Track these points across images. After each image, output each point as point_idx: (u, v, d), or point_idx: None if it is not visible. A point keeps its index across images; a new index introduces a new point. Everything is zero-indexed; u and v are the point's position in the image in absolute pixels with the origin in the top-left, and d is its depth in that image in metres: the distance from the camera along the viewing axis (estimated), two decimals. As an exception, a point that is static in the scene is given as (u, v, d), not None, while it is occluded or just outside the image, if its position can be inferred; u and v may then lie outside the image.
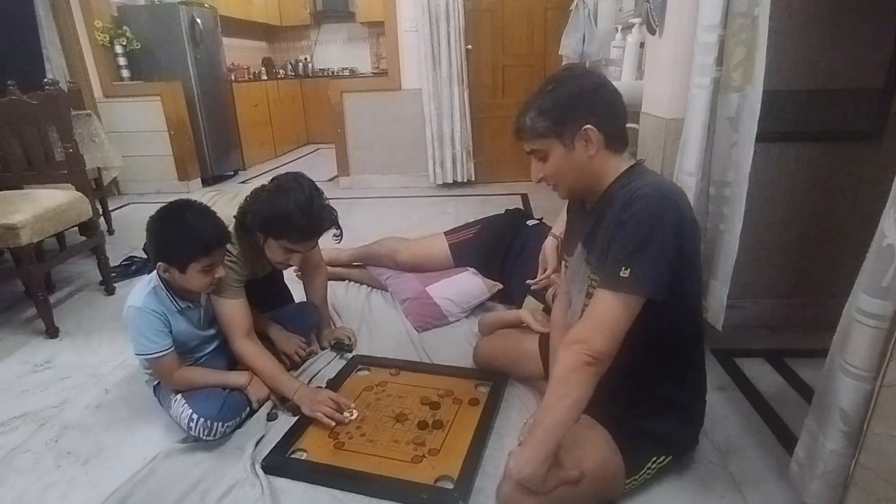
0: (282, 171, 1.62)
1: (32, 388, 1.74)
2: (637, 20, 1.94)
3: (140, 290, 1.46)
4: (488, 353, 1.71)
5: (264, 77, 6.29)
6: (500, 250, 2.19)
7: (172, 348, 1.45)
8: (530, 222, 2.25)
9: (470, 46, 4.08)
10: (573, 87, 1.10)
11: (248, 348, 1.55)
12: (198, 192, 1.72)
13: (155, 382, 1.55)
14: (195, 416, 1.40)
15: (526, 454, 1.04)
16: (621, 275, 1.01)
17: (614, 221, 1.05)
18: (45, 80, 2.43)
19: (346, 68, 6.84)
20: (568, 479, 1.06)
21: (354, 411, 1.48)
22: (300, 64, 7.06)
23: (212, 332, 1.60)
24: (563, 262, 1.32)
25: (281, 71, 6.92)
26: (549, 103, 1.09)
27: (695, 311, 1.21)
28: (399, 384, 1.65)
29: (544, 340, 1.50)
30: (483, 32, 4.18)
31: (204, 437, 1.41)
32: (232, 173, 5.16)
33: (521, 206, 3.71)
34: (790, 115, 1.68)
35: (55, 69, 3.83)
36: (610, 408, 1.15)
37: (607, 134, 1.09)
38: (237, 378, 1.51)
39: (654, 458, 1.20)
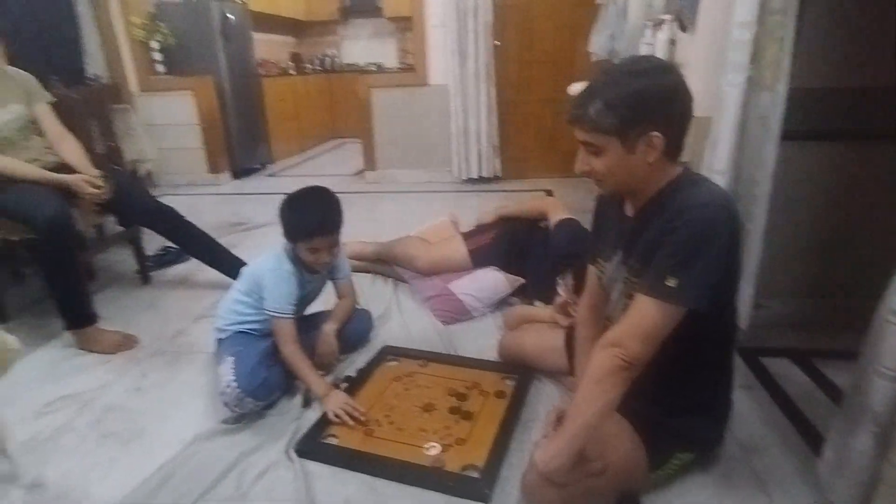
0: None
1: (75, 371, 1.82)
2: (668, 17, 1.92)
3: (270, 257, 1.65)
4: (515, 346, 1.73)
5: (292, 72, 6.36)
6: (520, 252, 2.21)
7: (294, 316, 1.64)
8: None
9: (498, 42, 4.08)
10: (650, 84, 0.99)
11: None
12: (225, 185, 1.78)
13: (221, 336, 1.69)
14: (233, 384, 1.47)
15: (553, 448, 1.05)
16: (667, 283, 0.98)
17: (664, 227, 1.02)
18: (88, 75, 2.51)
19: (373, 63, 6.88)
20: (592, 471, 1.07)
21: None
22: (327, 59, 7.12)
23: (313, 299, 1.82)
24: (599, 269, 1.28)
25: (308, 66, 6.99)
26: (621, 98, 0.98)
27: (730, 317, 1.19)
28: (427, 375, 1.69)
29: (570, 336, 1.52)
30: (510, 28, 4.17)
31: (231, 407, 1.48)
32: (259, 167, 5.24)
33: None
34: (810, 113, 1.65)
35: (94, 64, 3.94)
36: (636, 403, 1.14)
37: (671, 142, 1.02)
38: (318, 386, 1.55)
39: (678, 454, 1.21)
